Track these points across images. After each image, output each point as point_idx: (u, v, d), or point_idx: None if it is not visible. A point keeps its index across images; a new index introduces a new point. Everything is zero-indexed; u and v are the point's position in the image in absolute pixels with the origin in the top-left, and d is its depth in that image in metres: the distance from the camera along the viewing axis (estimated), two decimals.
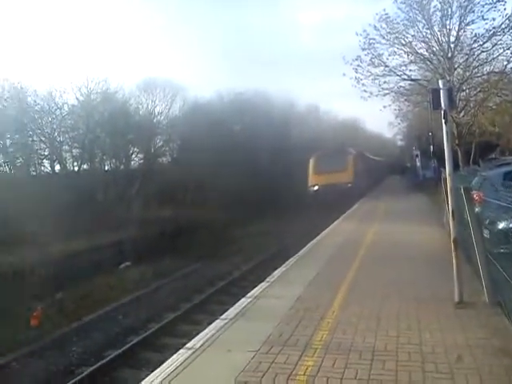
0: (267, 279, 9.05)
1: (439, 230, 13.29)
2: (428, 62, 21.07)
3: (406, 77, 21.86)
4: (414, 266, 9.29)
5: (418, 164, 39.48)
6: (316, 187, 28.89)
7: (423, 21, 20.64)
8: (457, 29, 20.52)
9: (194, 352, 5.52)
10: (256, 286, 8.61)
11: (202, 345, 5.74)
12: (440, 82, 6.52)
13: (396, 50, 21.13)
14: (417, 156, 40.96)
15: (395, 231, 14.17)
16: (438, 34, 20.70)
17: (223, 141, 31.12)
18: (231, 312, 7.05)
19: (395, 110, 26.54)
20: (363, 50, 21.25)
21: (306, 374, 4.69)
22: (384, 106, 24.02)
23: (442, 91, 6.33)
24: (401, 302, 6.86)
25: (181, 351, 5.59)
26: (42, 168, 27.56)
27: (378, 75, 21.44)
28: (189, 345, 5.80)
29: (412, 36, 20.90)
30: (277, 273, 9.64)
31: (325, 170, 28.48)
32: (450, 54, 20.56)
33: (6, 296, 13.51)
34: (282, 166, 33.71)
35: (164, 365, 5.29)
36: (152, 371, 5.31)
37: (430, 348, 5.11)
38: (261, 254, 18.72)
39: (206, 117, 33.22)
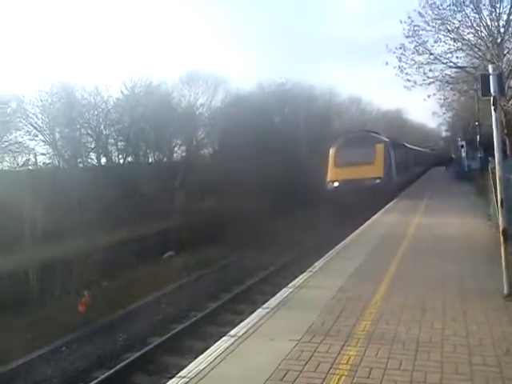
0: (309, 269, 9.04)
1: (485, 223, 12.94)
2: (475, 49, 20.28)
3: (451, 64, 21.05)
4: (460, 258, 9.08)
5: (464, 155, 38.26)
6: (336, 183, 23.65)
7: (471, 5, 19.84)
8: (507, 12, 19.61)
9: (236, 340, 5.59)
10: (297, 277, 8.61)
11: (244, 333, 5.80)
12: (490, 67, 6.29)
13: (442, 36, 20.40)
14: (462, 146, 39.71)
15: (438, 224, 13.85)
16: (487, 18, 19.87)
17: (264, 132, 31.08)
18: (273, 301, 7.08)
19: (440, 99, 25.61)
20: (407, 37, 20.56)
21: (348, 363, 4.68)
22: (428, 96, 23.27)
23: (491, 77, 6.11)
24: (446, 294, 6.73)
25: (224, 338, 5.68)
26: (89, 160, 28.38)
27: (422, 63, 20.75)
28: (232, 332, 5.87)
29: (459, 22, 20.08)
30: (318, 264, 9.61)
31: (347, 163, 23.35)
32: (499, 40, 19.67)
33: (56, 283, 14.10)
34: (323, 157, 33.10)
35: (207, 351, 5.38)
36: (195, 358, 5.41)
37: (477, 340, 5.00)
38: (301, 245, 18.69)
39: (247, 108, 33.29)
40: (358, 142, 24.52)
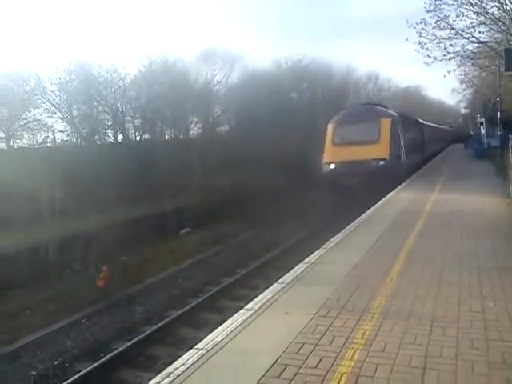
0: (324, 246, 9.05)
1: (504, 201, 12.81)
2: (499, 23, 19.73)
3: (473, 39, 20.58)
4: (477, 235, 9.01)
5: (483, 132, 37.56)
6: (332, 165, 20.24)
7: None
8: None
9: (253, 313, 5.66)
10: (313, 253, 8.64)
11: (260, 307, 5.87)
12: None
13: (464, 10, 19.87)
14: (481, 123, 38.97)
15: (456, 201, 13.72)
16: None
17: (281, 108, 30.86)
18: (288, 277, 7.12)
19: (460, 75, 25.21)
20: (428, 12, 20.12)
21: (363, 338, 4.71)
22: (448, 72, 22.85)
23: None
24: (462, 271, 6.70)
25: (241, 311, 5.75)
26: (106, 138, 28.57)
27: (443, 38, 20.32)
28: (248, 306, 5.94)
29: None
30: (334, 239, 9.62)
31: (347, 141, 20.07)
32: None
33: (75, 258, 14.39)
34: None
35: (224, 324, 5.45)
36: (212, 331, 5.49)
37: (494, 316, 4.99)
38: (317, 222, 18.69)
39: (263, 85, 33.03)
40: (360, 116, 20.84)
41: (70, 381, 7.32)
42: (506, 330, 4.63)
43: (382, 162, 19.27)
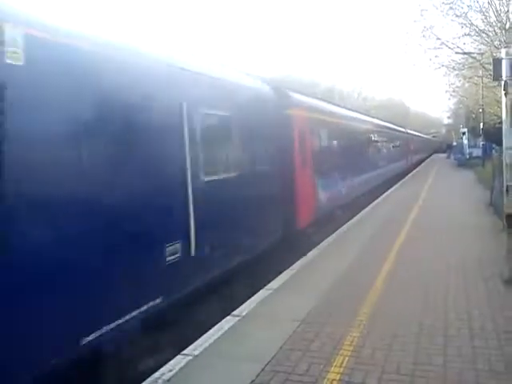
0: None
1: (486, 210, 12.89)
2: (483, 35, 19.99)
3: (458, 50, 20.83)
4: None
5: (465, 142, 37.98)
6: None
7: None
8: None
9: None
10: None
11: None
12: (503, 52, 6.22)
13: (449, 21, 20.10)
14: (464, 134, 39.45)
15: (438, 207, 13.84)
16: (497, 3, 19.50)
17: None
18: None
19: (445, 84, 25.43)
20: (414, 21, 20.37)
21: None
22: (433, 82, 23.11)
23: (504, 61, 6.02)
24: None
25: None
26: None
27: (428, 48, 20.56)
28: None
29: (468, 6, 19.77)
30: None
31: None
32: (508, 25, 19.37)
33: None
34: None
35: (212, 330, 5.33)
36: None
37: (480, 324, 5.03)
38: None
39: None
40: None
41: None
42: (491, 338, 4.65)
43: None
